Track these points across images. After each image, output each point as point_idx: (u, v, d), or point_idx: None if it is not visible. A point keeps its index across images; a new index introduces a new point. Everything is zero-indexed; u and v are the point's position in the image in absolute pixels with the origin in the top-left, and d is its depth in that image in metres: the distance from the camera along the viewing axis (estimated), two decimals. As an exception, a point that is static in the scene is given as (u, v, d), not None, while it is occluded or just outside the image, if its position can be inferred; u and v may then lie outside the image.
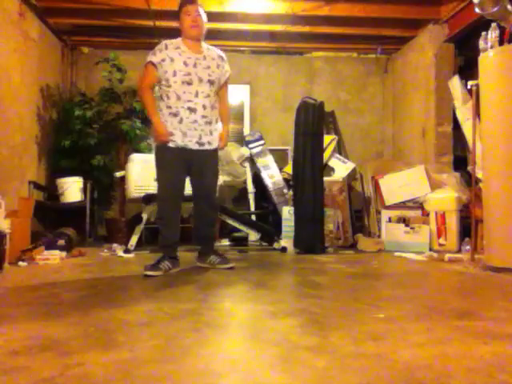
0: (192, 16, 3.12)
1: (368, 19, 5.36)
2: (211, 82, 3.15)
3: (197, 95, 3.09)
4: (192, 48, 3.16)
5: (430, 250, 4.40)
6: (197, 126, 3.10)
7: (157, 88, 3.18)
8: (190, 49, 3.15)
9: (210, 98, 3.15)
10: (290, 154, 5.90)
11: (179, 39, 3.20)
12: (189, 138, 3.10)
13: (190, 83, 3.09)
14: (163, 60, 3.09)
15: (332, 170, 5.43)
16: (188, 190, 4.47)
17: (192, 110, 3.09)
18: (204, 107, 3.11)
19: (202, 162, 3.18)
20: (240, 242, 4.97)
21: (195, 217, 3.45)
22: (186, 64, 3.10)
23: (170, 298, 2.34)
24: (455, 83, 4.41)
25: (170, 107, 3.10)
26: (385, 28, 5.59)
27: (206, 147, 3.16)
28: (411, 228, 4.62)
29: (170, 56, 3.10)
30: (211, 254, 3.35)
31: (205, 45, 3.26)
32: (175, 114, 3.08)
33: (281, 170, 5.58)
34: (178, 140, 3.09)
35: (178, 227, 3.31)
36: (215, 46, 3.35)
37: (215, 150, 3.25)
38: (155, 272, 3.00)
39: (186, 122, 3.08)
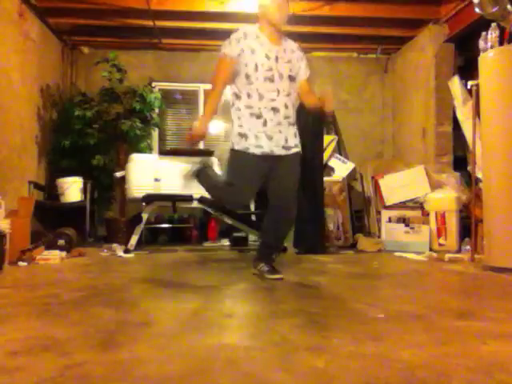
0: (282, 12, 2.77)
1: (368, 19, 5.36)
2: (292, 79, 2.82)
3: (278, 94, 2.75)
4: (271, 38, 2.80)
5: (430, 249, 4.40)
6: (281, 129, 2.78)
7: (234, 84, 2.82)
8: (269, 39, 2.79)
9: (290, 97, 2.82)
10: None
11: (256, 27, 2.83)
12: (275, 143, 2.77)
13: (272, 80, 2.73)
14: (242, 51, 2.72)
15: (332, 169, 5.43)
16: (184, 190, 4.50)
17: (276, 111, 2.75)
18: (286, 106, 2.79)
19: (286, 167, 2.84)
20: (240, 241, 4.97)
21: (267, 220, 2.99)
22: (267, 57, 2.74)
23: (169, 298, 2.34)
24: (455, 83, 4.41)
25: (250, 107, 2.75)
26: (385, 28, 5.59)
27: (293, 150, 2.84)
28: (411, 228, 4.62)
29: (251, 47, 2.73)
30: (262, 261, 2.96)
31: (282, 35, 2.88)
32: (258, 116, 2.74)
33: (281, 169, 5.57)
34: (264, 146, 2.76)
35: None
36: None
37: (299, 154, 2.90)
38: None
39: (271, 126, 2.75)
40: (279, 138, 2.78)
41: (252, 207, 5.36)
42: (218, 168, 4.79)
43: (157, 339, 1.58)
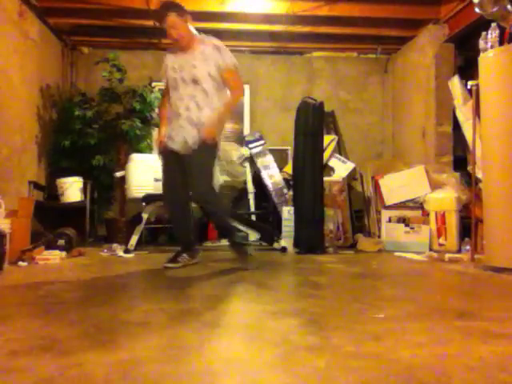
0: (168, 32, 3.11)
1: (368, 19, 5.36)
2: (195, 81, 3.09)
3: (182, 99, 3.13)
4: (181, 49, 3.19)
5: (430, 249, 4.40)
6: (182, 130, 3.12)
7: None
8: (180, 51, 3.20)
9: (196, 99, 3.10)
10: (290, 154, 5.90)
11: None
12: (176, 145, 3.16)
13: (176, 88, 3.14)
14: (165, 71, 3.23)
15: (332, 169, 5.43)
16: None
17: (177, 115, 3.14)
18: (187, 109, 3.11)
19: (189, 163, 3.13)
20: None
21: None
22: (173, 69, 3.17)
23: (169, 298, 2.34)
24: (455, 83, 4.41)
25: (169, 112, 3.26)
26: (385, 28, 5.59)
27: (192, 148, 3.13)
28: (411, 228, 4.62)
29: (166, 64, 3.23)
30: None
31: (199, 38, 3.23)
32: (170, 121, 3.22)
33: (281, 170, 5.58)
34: (168, 144, 3.21)
35: (187, 225, 3.43)
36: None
37: (200, 147, 3.10)
38: (174, 264, 3.27)
39: (175, 128, 3.16)
40: (180, 140, 3.13)
41: (252, 207, 5.36)
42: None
43: (157, 339, 1.58)
